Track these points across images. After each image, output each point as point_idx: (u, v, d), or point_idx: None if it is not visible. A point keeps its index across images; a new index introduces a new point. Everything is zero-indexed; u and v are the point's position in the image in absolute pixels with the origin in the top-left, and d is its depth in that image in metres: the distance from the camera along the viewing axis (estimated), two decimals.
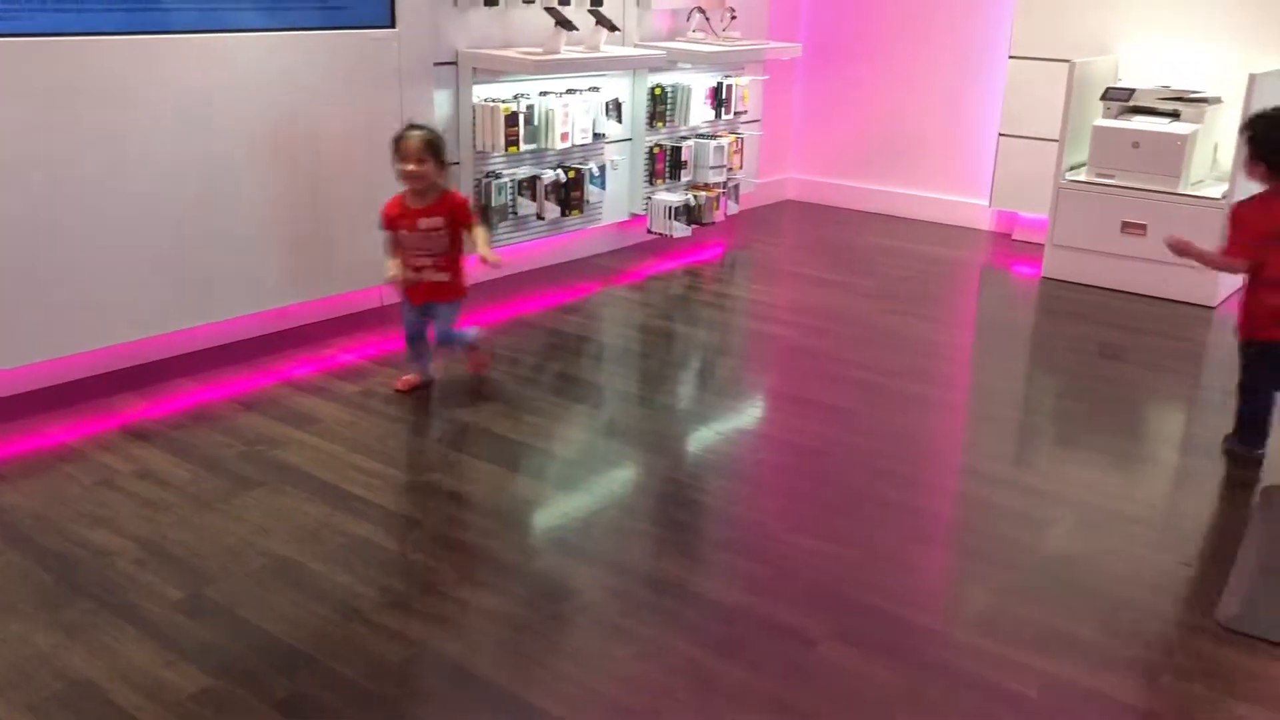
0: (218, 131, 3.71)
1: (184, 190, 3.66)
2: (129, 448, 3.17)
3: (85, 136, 3.40)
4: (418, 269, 3.47)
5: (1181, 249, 3.19)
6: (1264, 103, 4.70)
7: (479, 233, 3.53)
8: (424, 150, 3.37)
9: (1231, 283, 4.92)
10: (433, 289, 3.51)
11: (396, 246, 3.49)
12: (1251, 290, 3.13)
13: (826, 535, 2.81)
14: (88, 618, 2.36)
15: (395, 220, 3.47)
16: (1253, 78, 4.55)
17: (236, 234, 3.84)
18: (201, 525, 2.76)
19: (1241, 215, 3.14)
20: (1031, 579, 2.64)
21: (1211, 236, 4.69)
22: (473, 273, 3.69)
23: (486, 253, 3.47)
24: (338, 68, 4.00)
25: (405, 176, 3.40)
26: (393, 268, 3.49)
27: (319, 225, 4.06)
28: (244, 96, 3.76)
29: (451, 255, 3.52)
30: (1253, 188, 3.23)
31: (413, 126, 3.43)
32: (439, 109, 4.41)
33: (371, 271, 4.24)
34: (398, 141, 3.40)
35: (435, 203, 3.45)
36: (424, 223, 3.44)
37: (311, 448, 3.20)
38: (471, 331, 3.73)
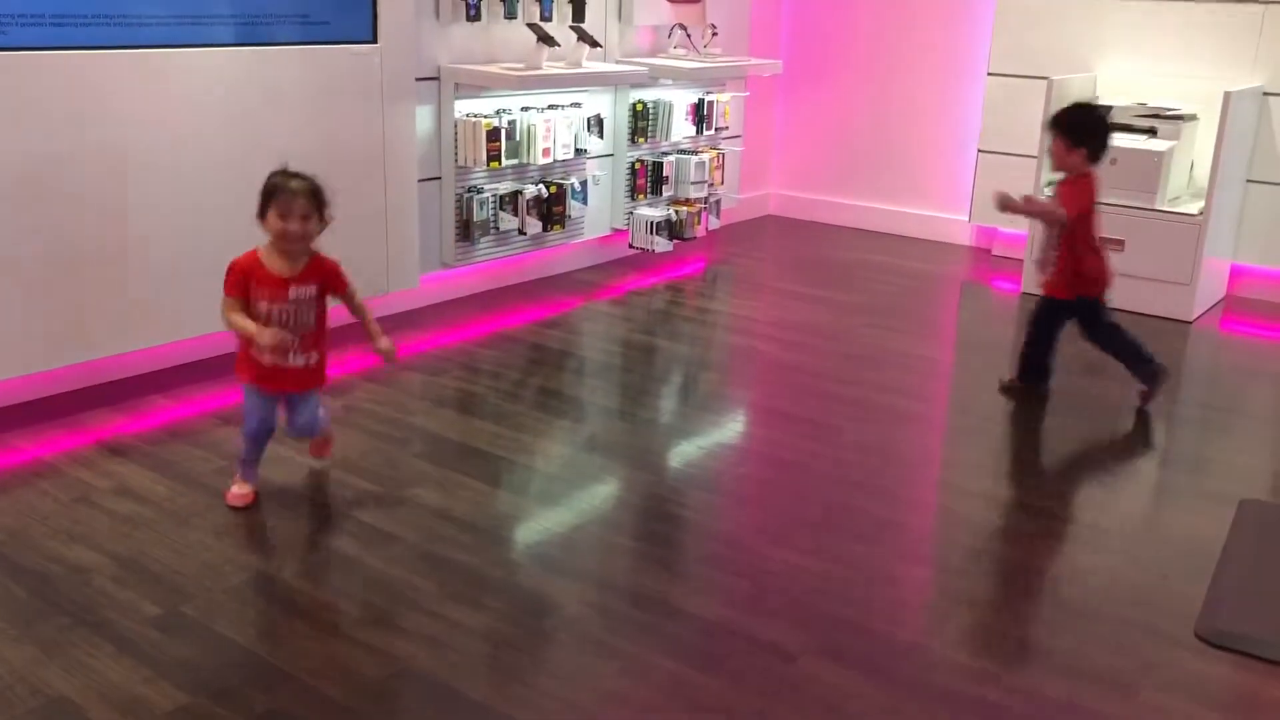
0: (195, 147, 3.70)
1: (161, 205, 3.64)
2: (106, 464, 3.15)
3: (58, 152, 3.37)
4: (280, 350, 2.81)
5: (1006, 205, 3.69)
6: (1239, 119, 4.76)
7: (367, 313, 2.98)
8: (310, 204, 2.82)
9: (1209, 298, 4.96)
10: (299, 376, 2.89)
11: (246, 319, 2.80)
12: (1074, 254, 3.68)
13: (807, 549, 2.81)
14: (64, 634, 2.34)
15: (253, 286, 2.80)
16: (1228, 95, 4.61)
17: (214, 249, 3.80)
18: (179, 541, 2.74)
19: (1068, 191, 3.68)
20: (1011, 593, 2.65)
21: (1188, 252, 4.74)
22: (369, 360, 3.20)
23: (384, 344, 2.96)
24: (319, 83, 4.00)
25: (283, 237, 2.78)
26: (267, 334, 2.76)
27: None
28: (223, 112, 3.75)
29: (320, 333, 2.93)
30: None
31: (290, 174, 2.84)
32: (421, 124, 4.41)
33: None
34: (274, 192, 2.79)
35: (307, 268, 2.85)
36: (295, 292, 2.81)
37: (291, 463, 3.18)
38: (326, 415, 3.12)
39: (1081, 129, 3.67)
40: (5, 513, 2.85)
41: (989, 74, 5.67)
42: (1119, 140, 4.88)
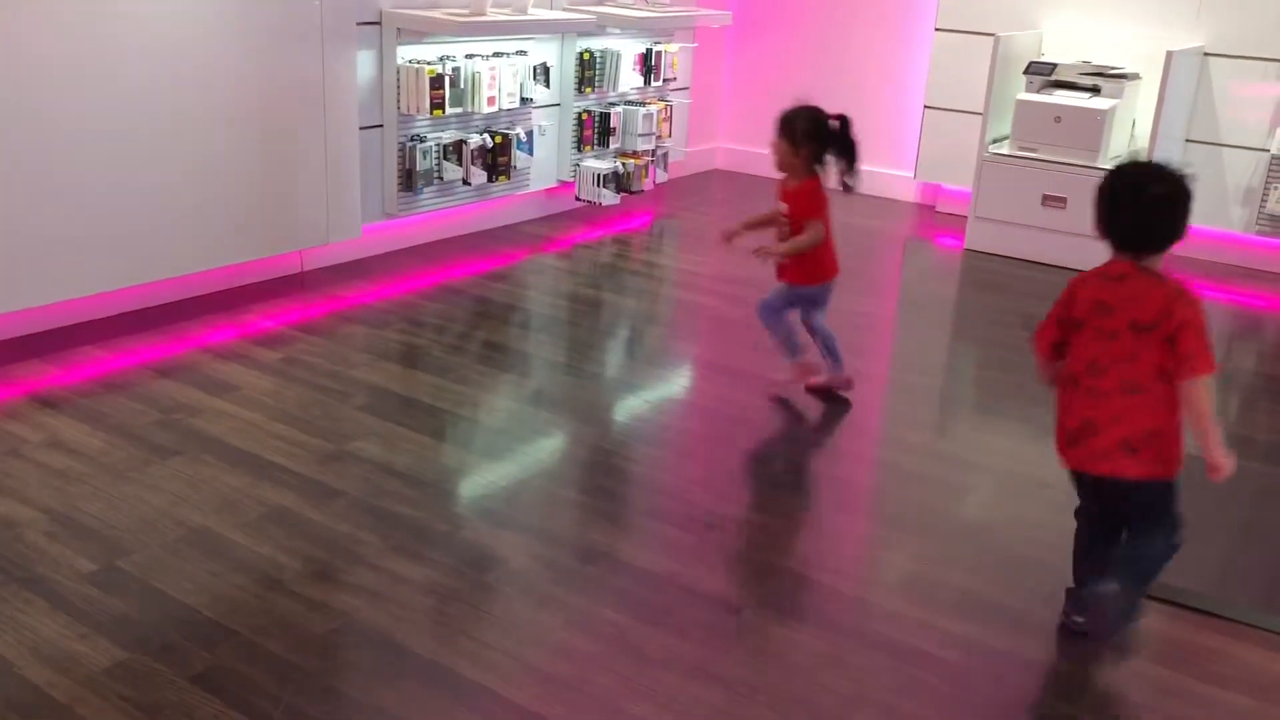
0: (128, 91, 3.58)
1: (93, 151, 3.53)
2: (37, 416, 3.07)
3: None
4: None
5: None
6: (1180, 79, 4.81)
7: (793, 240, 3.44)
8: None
9: None
10: (779, 268, 3.51)
11: None
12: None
13: (750, 504, 2.83)
14: None
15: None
16: (1169, 55, 4.65)
17: (149, 197, 3.72)
18: (115, 495, 2.68)
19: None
20: (951, 545, 2.69)
21: None
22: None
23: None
24: (257, 25, 3.88)
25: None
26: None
27: (237, 188, 3.95)
28: (158, 54, 3.63)
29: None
30: None
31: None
32: (362, 70, 4.31)
33: (289, 235, 4.16)
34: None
35: (797, 187, 3.55)
36: (782, 204, 3.52)
37: (231, 416, 3.12)
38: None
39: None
40: None
41: (936, 29, 5.67)
42: (1062, 98, 4.93)
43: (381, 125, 4.46)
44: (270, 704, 2.01)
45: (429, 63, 4.43)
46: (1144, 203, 2.22)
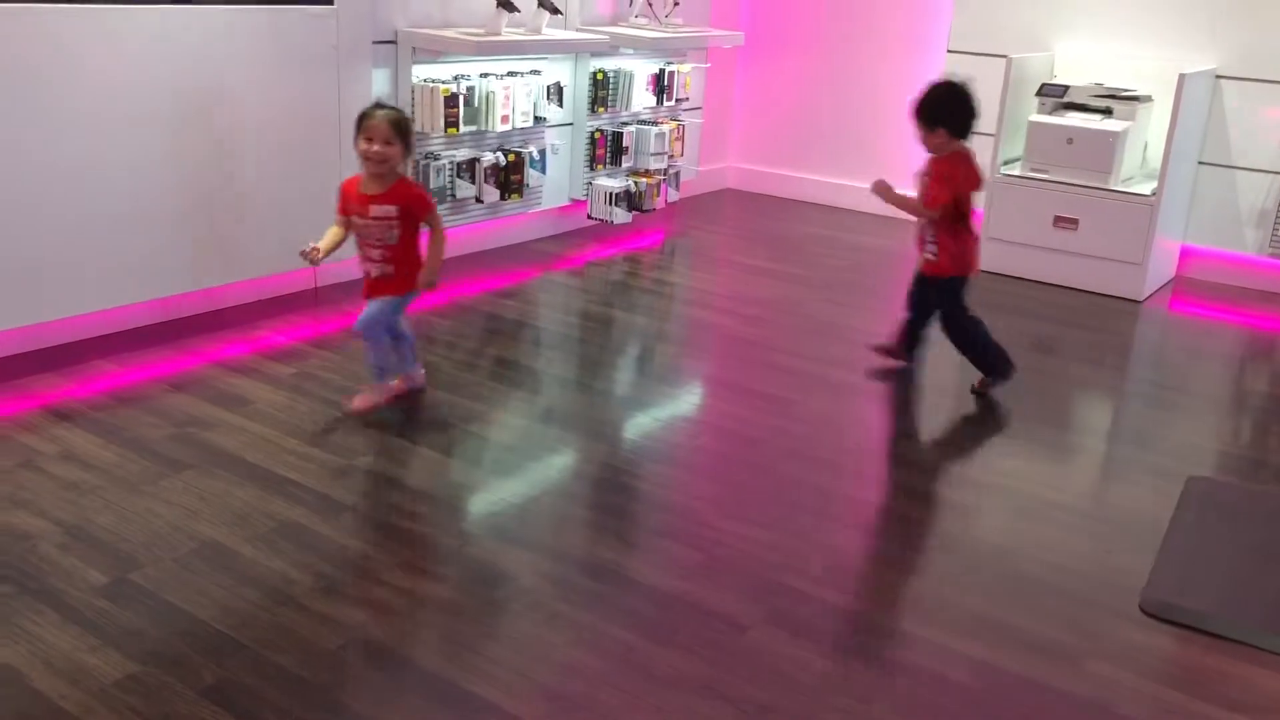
0: (145, 107, 3.61)
1: (109, 166, 3.56)
2: (51, 429, 3.09)
3: (8, 109, 3.28)
4: (370, 260, 3.25)
5: (883, 192, 3.77)
6: (1193, 101, 4.82)
7: (438, 243, 3.28)
8: (393, 132, 3.13)
9: (1160, 278, 5.04)
10: (374, 284, 3.28)
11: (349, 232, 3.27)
12: (958, 235, 3.64)
13: (760, 522, 2.83)
14: (7, 602, 2.30)
15: (348, 201, 3.25)
16: (1182, 77, 4.66)
17: (163, 213, 3.75)
18: (128, 508, 2.70)
19: (944, 170, 3.61)
20: (960, 566, 2.68)
21: (1140, 232, 4.80)
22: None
23: (424, 277, 3.27)
24: (274, 44, 3.92)
25: (368, 157, 3.15)
26: (326, 240, 3.23)
27: (252, 205, 3.98)
28: (176, 72, 3.67)
29: (401, 248, 3.23)
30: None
31: (380, 105, 3.24)
32: (377, 88, 4.34)
33: None
34: (363, 118, 3.17)
35: (390, 190, 3.20)
36: (376, 210, 3.19)
37: (243, 430, 3.14)
38: (406, 342, 3.41)
39: (938, 108, 3.59)
40: None
41: (948, 51, 5.69)
42: (1074, 120, 4.93)
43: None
44: (279, 717, 2.02)
45: (444, 82, 4.47)
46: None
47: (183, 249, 3.81)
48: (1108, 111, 4.92)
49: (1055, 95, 5.04)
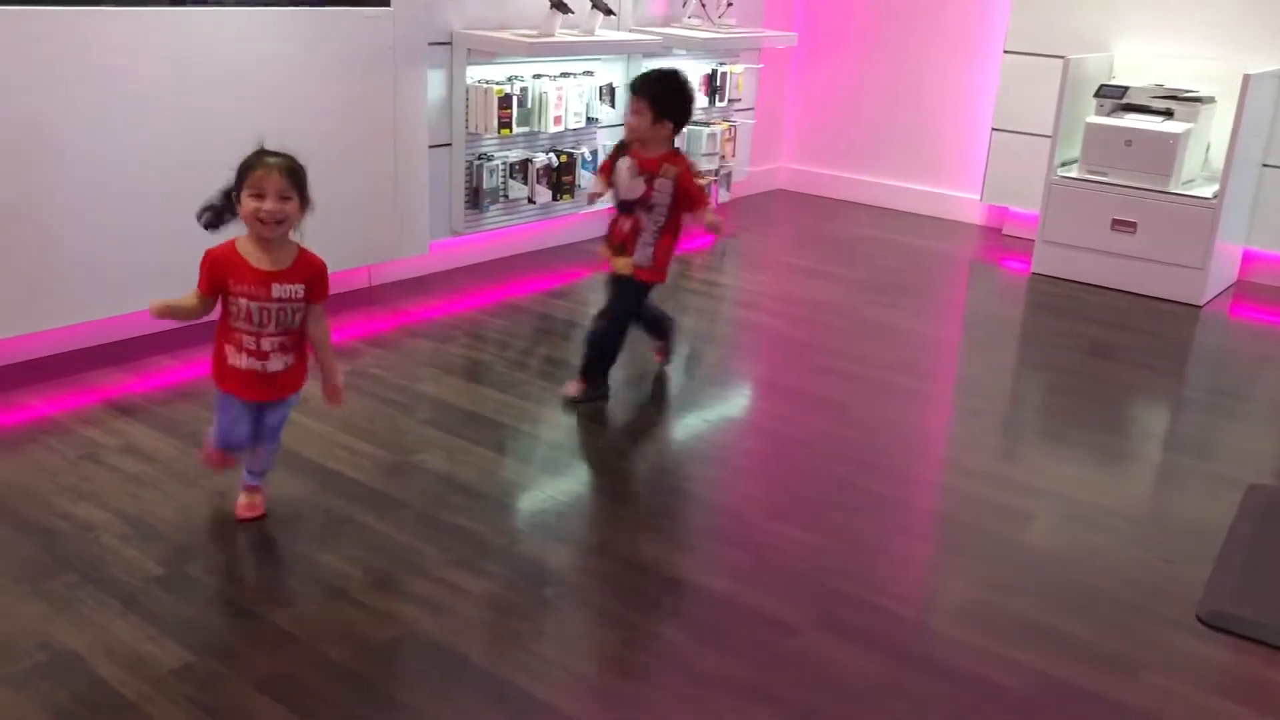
0: (204, 109, 3.68)
1: (169, 167, 3.63)
2: (112, 422, 3.15)
3: (67, 111, 3.36)
4: (261, 353, 2.53)
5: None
6: (1259, 103, 4.73)
7: (327, 340, 2.65)
8: (289, 184, 2.50)
9: (1221, 283, 4.94)
10: (276, 381, 2.57)
11: (222, 317, 2.54)
12: (673, 240, 3.43)
13: (810, 525, 2.82)
14: (71, 590, 2.35)
15: (230, 280, 2.49)
16: (1246, 78, 4.57)
17: None
18: (185, 501, 2.75)
19: (687, 166, 3.39)
20: (1013, 572, 2.65)
21: (1201, 236, 4.72)
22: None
23: (331, 387, 2.67)
24: (331, 46, 3.98)
25: (260, 219, 2.47)
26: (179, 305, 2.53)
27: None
28: (233, 74, 3.73)
29: (301, 332, 2.61)
30: None
31: (266, 152, 2.56)
32: (432, 90, 4.39)
33: (358, 251, 4.25)
34: (248, 170, 2.50)
35: (294, 264, 2.54)
36: (280, 290, 2.51)
37: (298, 426, 3.18)
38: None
39: (672, 99, 3.32)
40: (14, 469, 2.86)
41: (1005, 51, 5.62)
42: (1134, 121, 4.86)
43: (450, 144, 4.53)
44: (331, 710, 2.05)
45: (497, 83, 4.50)
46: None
47: None
48: (1168, 113, 4.84)
49: (1114, 96, 4.96)
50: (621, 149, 3.39)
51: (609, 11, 4.76)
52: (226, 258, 2.51)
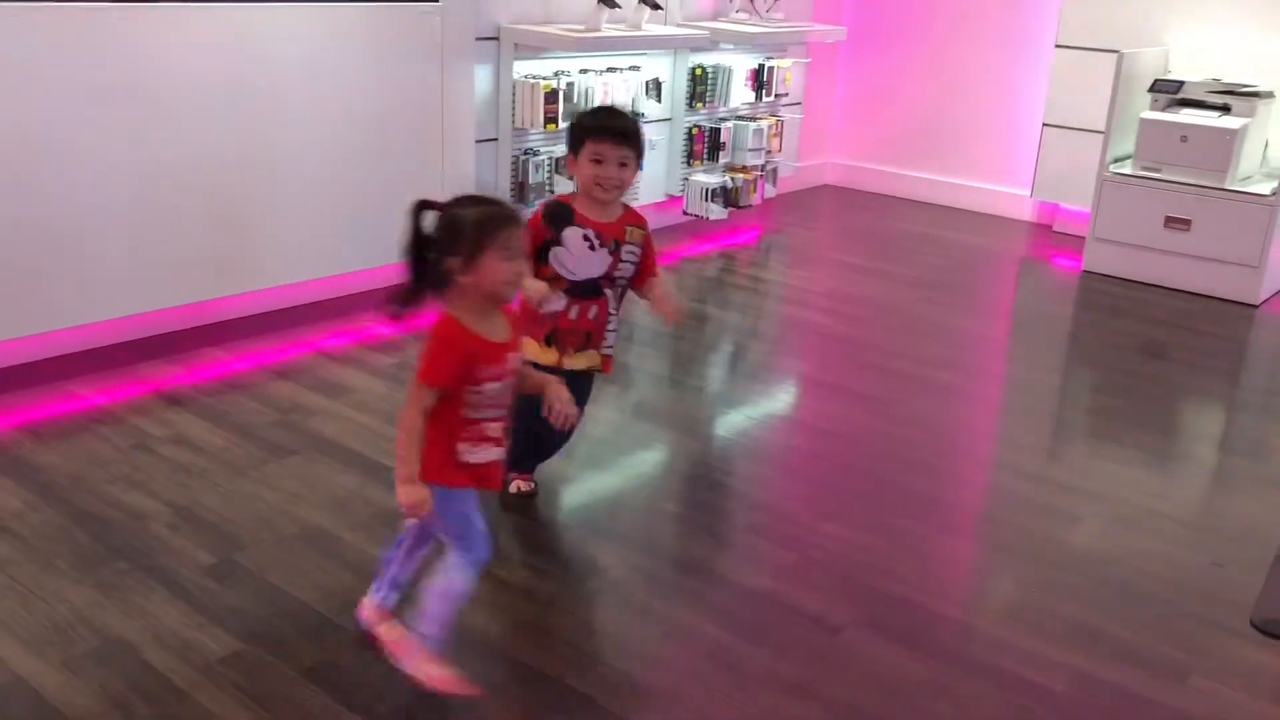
0: (255, 103, 3.72)
1: (220, 161, 3.68)
2: (163, 413, 3.20)
3: (121, 104, 3.41)
4: (501, 439, 2.06)
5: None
6: None
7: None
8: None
9: (1278, 281, 4.84)
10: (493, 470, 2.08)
11: (446, 412, 1.97)
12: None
13: (855, 523, 2.80)
14: (122, 578, 2.39)
15: (481, 362, 1.96)
16: None
17: (271, 206, 3.86)
18: (234, 491, 2.79)
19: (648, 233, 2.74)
20: (1061, 574, 2.62)
21: (1258, 234, 4.62)
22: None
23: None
24: (380, 40, 4.00)
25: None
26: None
27: (357, 198, 4.07)
28: (284, 68, 3.77)
29: None
30: None
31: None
32: (479, 84, 4.40)
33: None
34: (507, 220, 1.99)
35: (513, 327, 2.08)
36: (514, 360, 2.06)
37: (345, 418, 3.22)
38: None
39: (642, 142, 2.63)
40: (67, 458, 2.91)
41: (1057, 45, 5.54)
42: (1189, 117, 4.76)
43: (496, 139, 4.55)
44: (376, 700, 2.06)
45: (544, 78, 4.51)
46: None
47: (289, 240, 3.92)
48: (1225, 108, 4.75)
49: (1169, 91, 4.88)
50: (560, 216, 2.57)
51: (656, 6, 4.76)
52: (464, 337, 1.97)
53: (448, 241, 1.98)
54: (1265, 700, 2.20)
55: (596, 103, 4.64)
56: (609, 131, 2.55)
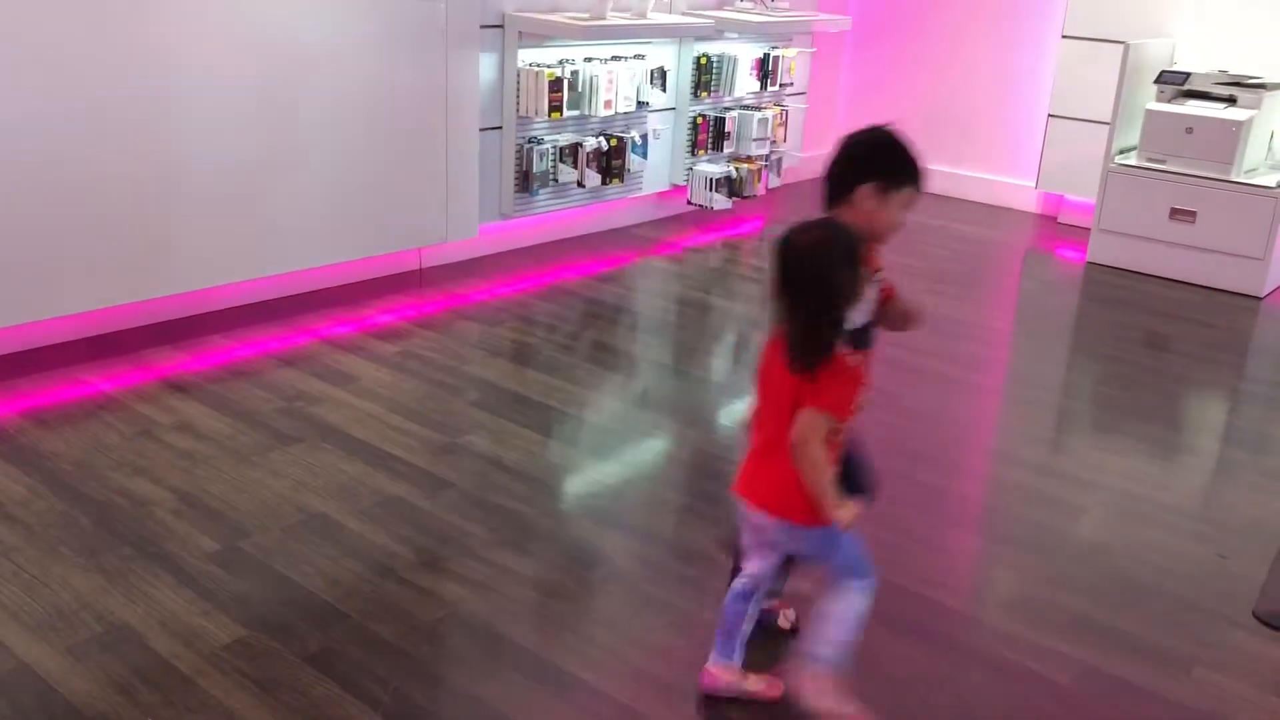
0: (259, 91, 3.71)
1: (226, 148, 3.67)
2: (168, 400, 3.20)
3: (124, 91, 3.40)
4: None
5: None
6: None
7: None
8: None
9: None
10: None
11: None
12: None
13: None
14: (127, 564, 2.40)
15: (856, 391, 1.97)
16: None
17: (277, 194, 3.85)
18: (238, 478, 2.79)
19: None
20: (1065, 565, 2.62)
21: (1263, 226, 4.61)
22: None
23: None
24: (385, 28, 3.99)
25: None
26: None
27: (361, 187, 4.06)
28: (287, 55, 3.76)
29: None
30: None
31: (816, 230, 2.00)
32: (484, 72, 4.39)
33: (409, 233, 4.27)
34: (850, 250, 1.95)
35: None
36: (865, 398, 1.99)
37: (349, 406, 3.22)
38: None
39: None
40: (72, 444, 2.91)
41: (1063, 36, 5.52)
42: (1195, 108, 4.75)
43: (500, 127, 4.54)
44: (380, 687, 2.07)
45: (548, 66, 4.50)
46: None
47: (294, 228, 3.91)
48: (1231, 100, 4.73)
49: (1175, 83, 4.86)
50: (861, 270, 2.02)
51: None
52: (854, 371, 1.97)
53: (838, 274, 1.94)
54: (1269, 692, 2.20)
55: (601, 92, 4.63)
56: (923, 181, 2.22)
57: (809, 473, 1.90)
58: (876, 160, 2.25)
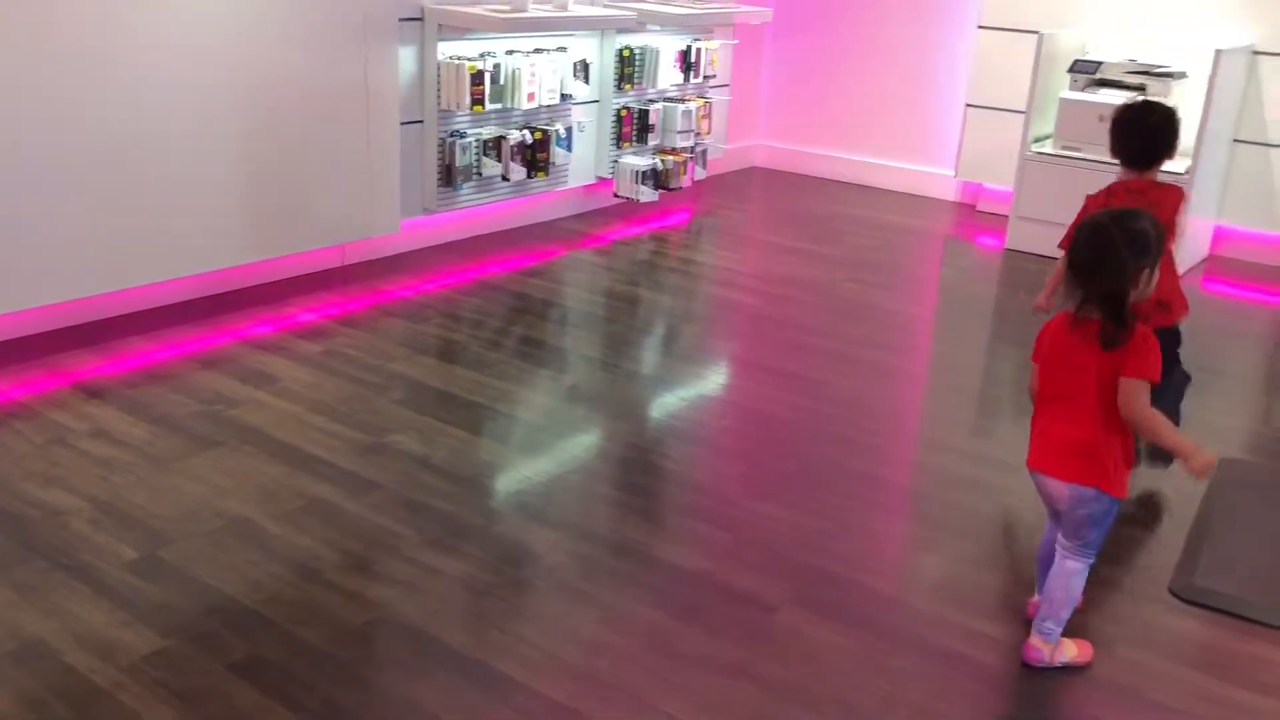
0: (172, 85, 3.62)
1: (138, 145, 3.57)
2: (82, 406, 3.11)
3: (27, 88, 3.29)
4: None
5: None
6: (1229, 78, 4.74)
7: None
8: None
9: (1192, 257, 4.96)
10: None
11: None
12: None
13: (788, 502, 2.82)
14: (40, 578, 2.32)
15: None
16: (1218, 54, 4.58)
17: (192, 191, 3.76)
18: (157, 485, 2.72)
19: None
20: (989, 548, 2.67)
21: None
22: None
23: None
24: (301, 20, 3.91)
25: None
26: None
27: (280, 182, 3.98)
28: (201, 49, 3.67)
29: None
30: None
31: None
32: (404, 65, 4.33)
33: (331, 230, 4.20)
34: (1160, 235, 2.14)
35: None
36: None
37: (271, 407, 3.15)
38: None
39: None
40: None
41: (979, 26, 5.61)
42: (1107, 96, 4.86)
43: (422, 121, 4.48)
44: (306, 693, 2.03)
45: (470, 59, 4.45)
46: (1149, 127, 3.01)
47: (211, 226, 3.82)
48: (1141, 88, 4.85)
49: (1087, 72, 4.97)
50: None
51: None
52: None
53: (1141, 253, 2.11)
54: (1187, 666, 2.26)
55: (524, 85, 4.59)
56: None
57: (1161, 431, 2.14)
58: (1175, 139, 2.99)
